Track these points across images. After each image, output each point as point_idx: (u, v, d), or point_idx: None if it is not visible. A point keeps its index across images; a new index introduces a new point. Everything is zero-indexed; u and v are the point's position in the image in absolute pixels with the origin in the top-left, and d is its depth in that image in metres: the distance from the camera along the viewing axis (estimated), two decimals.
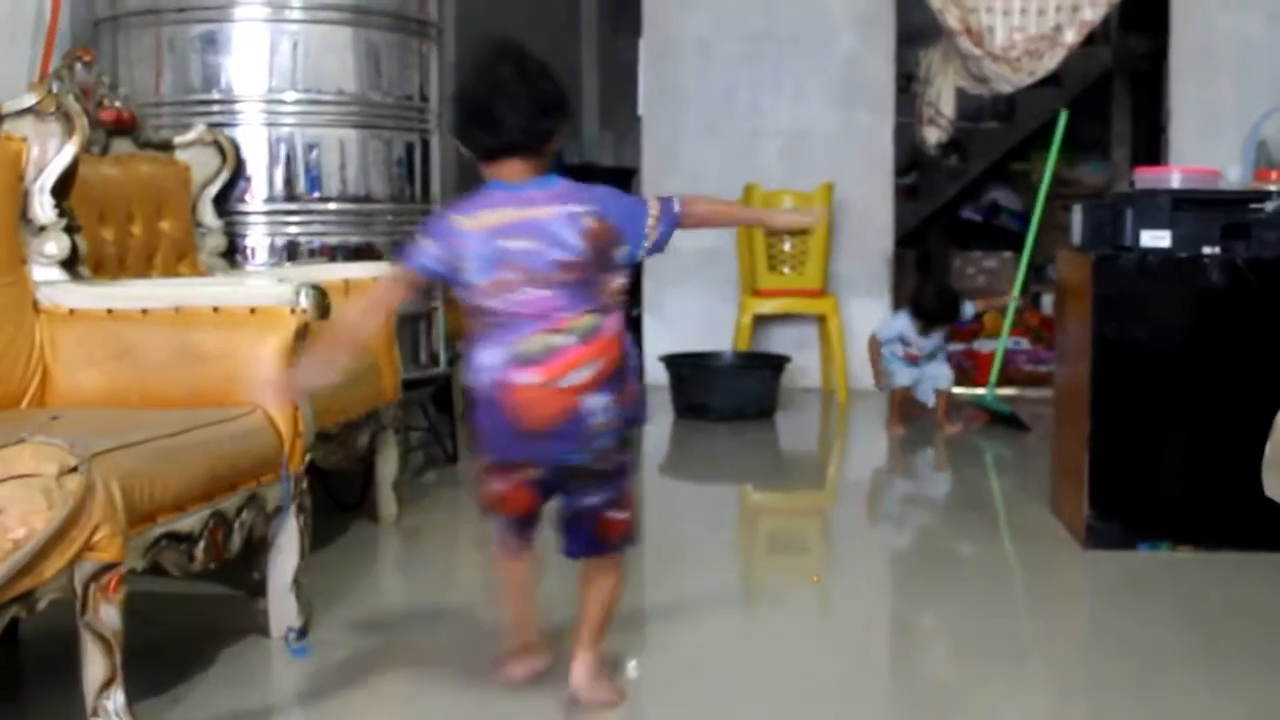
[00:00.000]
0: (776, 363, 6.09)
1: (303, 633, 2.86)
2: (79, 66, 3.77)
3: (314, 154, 4.28)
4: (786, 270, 6.39)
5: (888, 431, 5.55)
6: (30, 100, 2.91)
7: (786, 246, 6.40)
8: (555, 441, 2.35)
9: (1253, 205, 3.66)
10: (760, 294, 6.37)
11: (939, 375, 5.63)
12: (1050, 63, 6.41)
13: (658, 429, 5.99)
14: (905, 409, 5.62)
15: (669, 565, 3.80)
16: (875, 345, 5.65)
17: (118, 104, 3.86)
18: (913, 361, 5.59)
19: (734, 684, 2.75)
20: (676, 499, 4.75)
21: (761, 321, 6.49)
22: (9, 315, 2.88)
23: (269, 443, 2.79)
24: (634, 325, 7.25)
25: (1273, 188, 3.78)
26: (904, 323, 5.65)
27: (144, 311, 2.90)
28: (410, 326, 4.43)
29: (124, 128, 3.84)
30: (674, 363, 6.20)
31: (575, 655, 2.54)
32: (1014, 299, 5.99)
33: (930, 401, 5.61)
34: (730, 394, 5.89)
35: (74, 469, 2.12)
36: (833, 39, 6.70)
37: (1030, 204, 9.64)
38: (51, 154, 2.90)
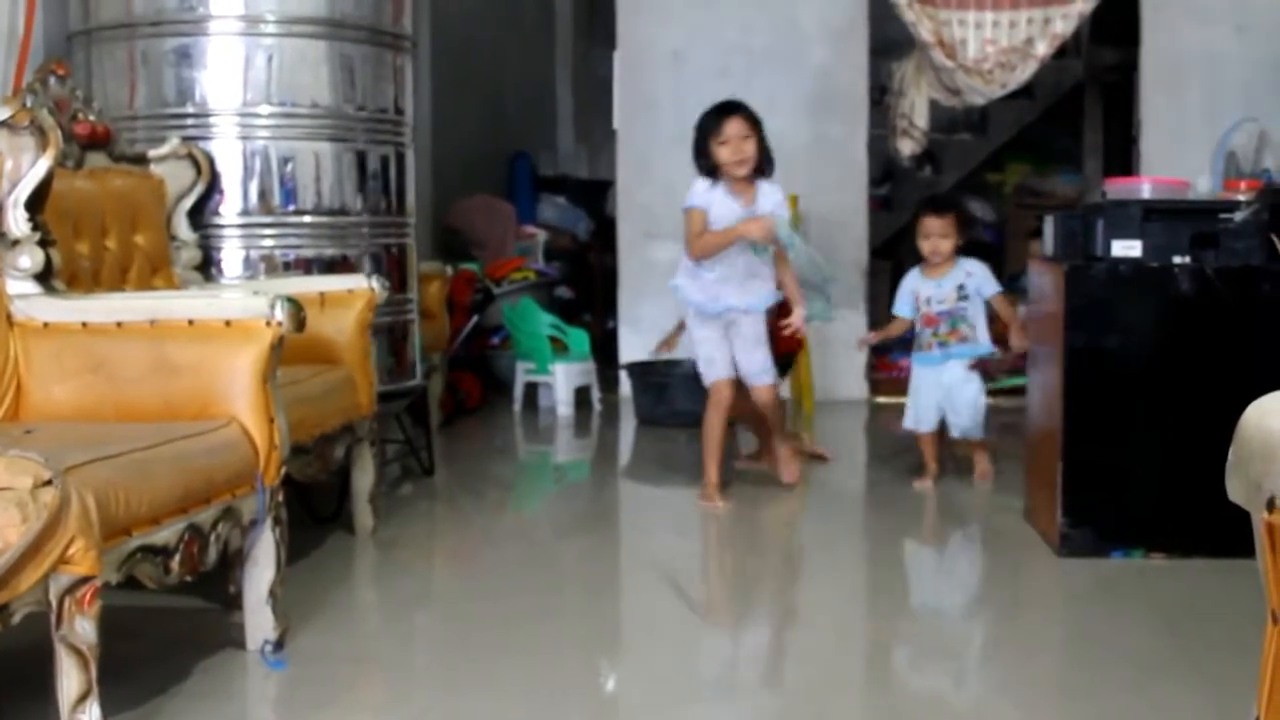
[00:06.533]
0: None
1: (279, 645, 2.86)
2: (53, 80, 3.76)
3: (289, 167, 4.28)
4: None
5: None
6: (4, 114, 2.90)
7: None
8: None
9: (1222, 215, 3.70)
10: None
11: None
12: (1022, 75, 6.46)
13: (619, 435, 6.01)
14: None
15: (639, 572, 3.81)
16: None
17: (92, 118, 3.84)
18: None
19: (706, 693, 2.76)
20: (641, 504, 4.85)
21: None
22: None
23: (244, 455, 2.79)
24: (609, 337, 7.28)
25: (1241, 198, 3.82)
26: None
27: (119, 325, 2.89)
28: (386, 339, 4.43)
29: (98, 141, 3.83)
30: (635, 370, 6.21)
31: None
32: None
33: None
34: (691, 401, 5.88)
35: (48, 482, 2.12)
36: (806, 51, 6.73)
37: (1004, 215, 9.74)
38: (25, 168, 2.89)
